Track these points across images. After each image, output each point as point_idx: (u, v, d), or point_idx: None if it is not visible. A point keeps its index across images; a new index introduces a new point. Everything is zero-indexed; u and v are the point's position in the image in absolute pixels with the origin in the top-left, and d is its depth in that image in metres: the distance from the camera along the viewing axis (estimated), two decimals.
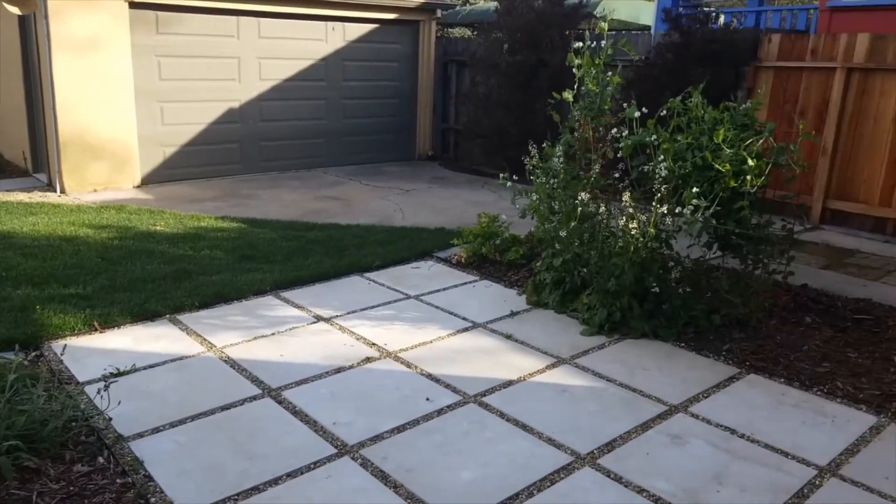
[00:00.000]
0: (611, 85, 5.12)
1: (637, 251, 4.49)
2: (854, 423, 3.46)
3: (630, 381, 3.90)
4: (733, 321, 4.63)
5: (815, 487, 2.96)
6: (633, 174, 4.91)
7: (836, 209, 7.63)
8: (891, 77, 7.08)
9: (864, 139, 7.34)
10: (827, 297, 5.16)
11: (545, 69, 9.07)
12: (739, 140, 4.44)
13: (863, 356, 4.17)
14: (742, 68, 8.13)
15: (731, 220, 4.51)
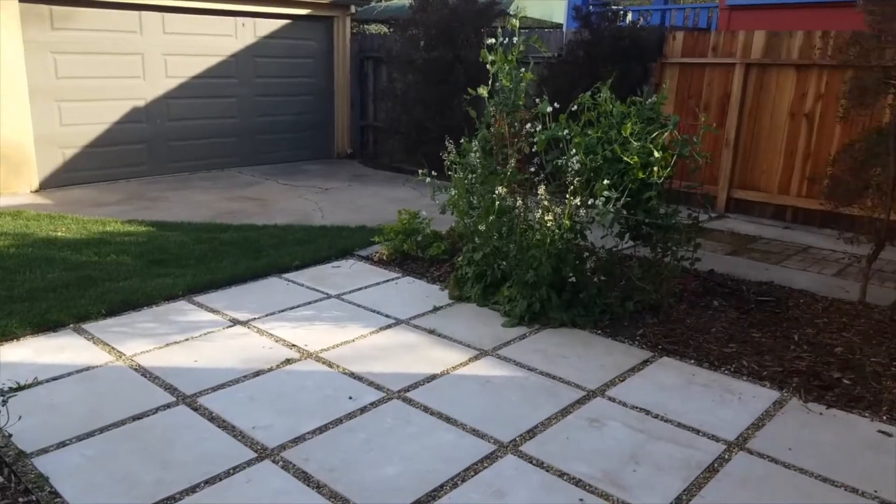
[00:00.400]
0: (524, 81, 5.21)
1: (554, 243, 4.59)
2: (759, 399, 3.65)
3: (550, 369, 3.98)
4: (646, 307, 4.80)
5: (725, 461, 3.10)
6: (548, 168, 5.02)
7: (739, 198, 8.04)
8: (785, 72, 7.51)
9: (763, 131, 7.76)
10: (732, 282, 5.42)
11: (461, 65, 9.14)
12: (646, 133, 4.60)
13: (766, 336, 4.41)
14: (649, 64, 8.44)
15: (640, 210, 4.67)
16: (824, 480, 2.96)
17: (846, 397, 3.61)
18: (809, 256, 6.35)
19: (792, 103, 7.50)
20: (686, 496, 2.85)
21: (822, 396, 3.64)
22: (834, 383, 3.75)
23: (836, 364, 3.97)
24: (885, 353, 4.10)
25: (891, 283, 5.57)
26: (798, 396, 3.66)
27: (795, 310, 4.81)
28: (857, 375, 3.83)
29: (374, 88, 11.22)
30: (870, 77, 4.80)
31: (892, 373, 3.86)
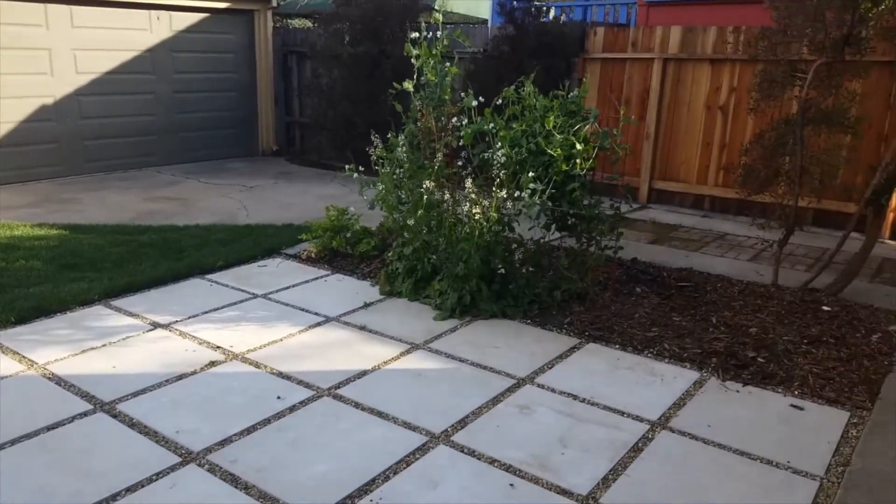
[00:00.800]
0: (449, 75, 5.24)
1: (482, 236, 4.63)
2: (680, 380, 3.79)
3: (481, 360, 4.01)
4: (573, 296, 4.90)
5: (648, 441, 3.20)
6: (475, 161, 5.06)
7: (660, 189, 8.31)
8: (700, 66, 7.80)
9: (682, 124, 8.04)
10: (654, 269, 5.60)
11: (388, 60, 9.10)
12: (568, 126, 4.70)
13: (686, 319, 4.57)
14: (572, 59, 8.62)
15: (565, 201, 4.77)
16: (741, 454, 3.10)
17: (761, 375, 3.79)
18: (726, 243, 6.62)
19: (707, 96, 7.80)
20: (612, 475, 2.93)
21: (738, 375, 3.80)
22: (749, 362, 3.93)
23: (751, 344, 4.15)
24: (796, 331, 4.33)
25: (801, 266, 5.87)
26: (716, 376, 3.82)
27: (713, 294, 5.01)
28: (771, 354, 4.02)
29: (298, 84, 11.03)
30: (777, 70, 5.04)
31: (802, 350, 4.07)
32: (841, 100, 4.88)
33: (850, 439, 3.19)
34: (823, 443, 3.16)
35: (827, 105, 4.91)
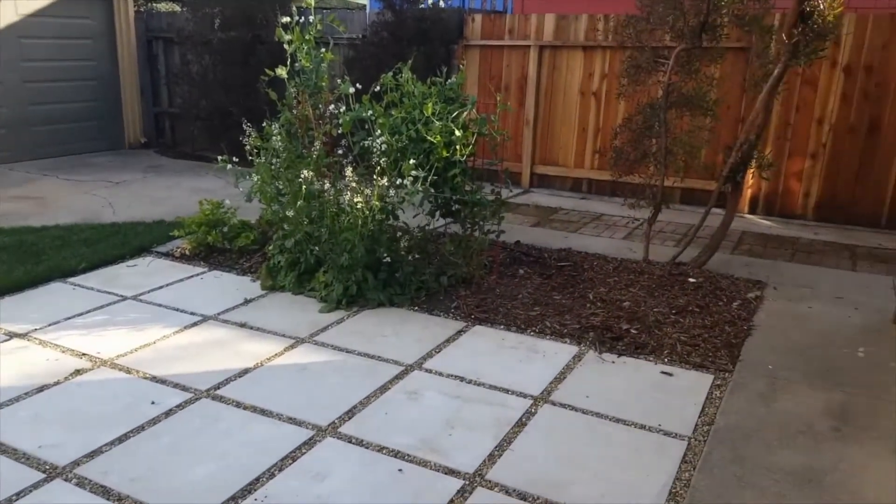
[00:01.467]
0: (325, 61, 5.13)
1: (366, 225, 4.58)
2: (561, 355, 3.92)
3: (369, 350, 3.98)
4: (459, 280, 4.96)
5: (532, 415, 3.30)
6: (355, 150, 4.99)
7: (541, 173, 8.56)
8: (574, 53, 8.08)
9: (559, 110, 8.30)
10: (536, 251, 5.77)
11: (263, 46, 8.80)
12: (447, 113, 4.73)
13: (565, 297, 4.74)
14: (452, 46, 8.67)
15: (447, 188, 4.80)
16: (617, 421, 3.25)
17: (634, 345, 4.00)
18: (602, 223, 6.93)
19: (581, 83, 8.09)
20: (498, 451, 2.99)
21: (614, 347, 3.99)
22: (623, 334, 4.13)
23: (625, 317, 4.37)
24: (665, 303, 4.59)
25: (670, 242, 6.24)
26: (594, 349, 3.98)
27: (590, 272, 5.22)
28: (643, 325, 4.25)
29: (166, 72, 10.45)
30: (642, 57, 5.30)
31: (671, 320, 4.33)
32: (700, 84, 5.20)
33: (715, 400, 3.42)
34: (691, 405, 3.38)
35: (688, 89, 5.22)
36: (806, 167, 6.89)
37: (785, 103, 6.81)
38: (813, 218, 6.93)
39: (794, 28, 4.52)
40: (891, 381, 3.55)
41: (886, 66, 6.42)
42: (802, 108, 6.81)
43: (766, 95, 4.75)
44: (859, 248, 6.02)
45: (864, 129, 6.59)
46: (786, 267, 5.47)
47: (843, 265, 5.55)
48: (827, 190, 6.83)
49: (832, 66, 6.59)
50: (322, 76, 5.13)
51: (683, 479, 2.82)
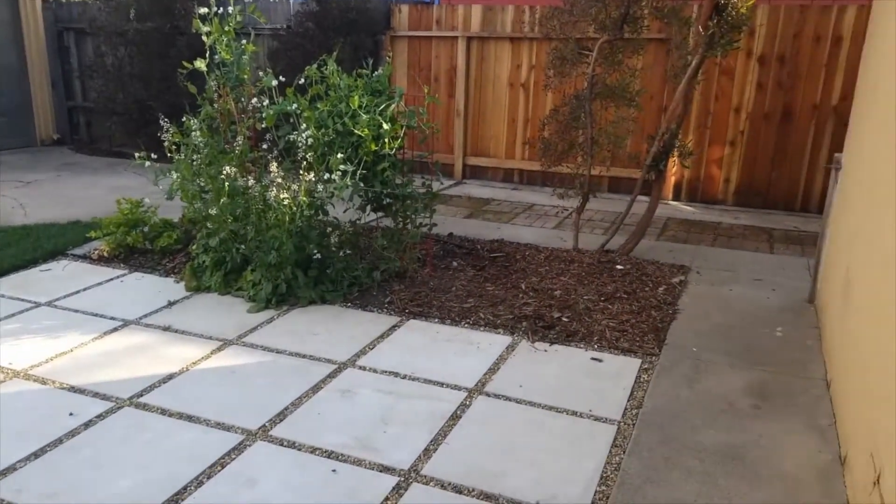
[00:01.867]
0: (246, 53, 4.99)
1: (294, 221, 4.48)
2: (494, 346, 3.94)
3: (301, 349, 3.90)
4: (393, 275, 4.92)
5: (466, 407, 3.30)
6: (280, 144, 4.88)
7: (473, 164, 8.59)
8: (501, 45, 8.12)
9: (488, 101, 8.34)
10: (469, 242, 5.78)
11: (183, 38, 8.48)
12: (374, 105, 4.67)
13: (498, 288, 4.77)
14: (379, 37, 8.59)
15: (377, 181, 4.75)
16: (550, 409, 3.29)
17: (565, 333, 4.06)
18: (534, 213, 7.01)
19: (510, 74, 8.14)
20: (433, 446, 2.98)
21: (546, 335, 4.04)
22: (555, 322, 4.19)
23: (556, 305, 4.43)
24: (595, 290, 4.68)
25: (599, 230, 6.37)
26: (527, 338, 4.02)
27: (522, 262, 5.27)
28: (573, 313, 4.32)
29: (80, 64, 9.96)
30: (567, 48, 5.36)
31: (600, 307, 4.41)
32: (624, 75, 5.31)
33: (643, 383, 3.51)
34: (620, 389, 3.45)
35: (612, 81, 5.32)
36: (725, 154, 7.15)
37: (704, 93, 7.04)
38: (733, 203, 7.21)
39: (709, 20, 4.67)
40: (806, 360, 3.72)
41: (797, 55, 6.71)
42: (721, 98, 7.06)
43: (684, 86, 4.89)
44: (776, 231, 6.29)
45: (778, 116, 6.88)
46: (708, 251, 5.66)
47: (762, 248, 5.79)
48: (745, 176, 7.11)
49: (747, 57, 6.85)
50: (244, 68, 4.98)
51: (614, 462, 2.88)
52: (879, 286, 2.64)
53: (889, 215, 2.77)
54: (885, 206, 2.85)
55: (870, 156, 3.47)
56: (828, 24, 6.55)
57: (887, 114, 3.06)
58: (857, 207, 3.50)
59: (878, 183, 3.09)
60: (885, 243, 2.73)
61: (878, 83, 3.50)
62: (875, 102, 3.58)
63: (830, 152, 6.69)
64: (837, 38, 6.55)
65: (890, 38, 3.33)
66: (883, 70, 3.42)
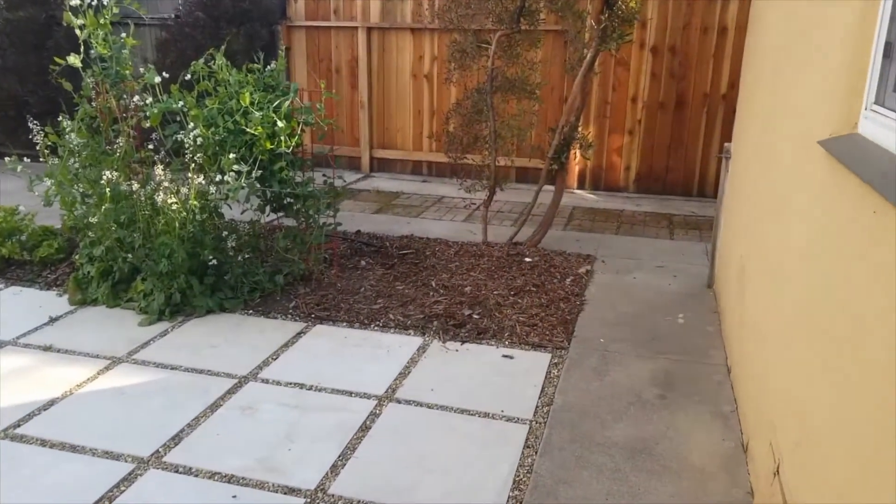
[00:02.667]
0: (126, 47, 4.66)
1: (185, 226, 4.22)
2: (405, 348, 3.84)
3: (197, 364, 3.67)
4: (298, 278, 4.73)
5: (377, 417, 3.19)
6: (167, 144, 4.58)
7: (381, 157, 8.41)
8: (402, 35, 7.96)
9: (393, 92, 8.18)
10: (378, 240, 5.65)
11: (60, 28, 7.85)
12: (267, 102, 4.44)
13: (408, 286, 4.67)
14: (275, 27, 8.25)
15: (274, 181, 4.53)
16: (462, 412, 3.23)
17: (476, 331, 4.00)
18: (444, 206, 6.94)
19: (413, 65, 8.01)
20: (341, 461, 2.86)
21: (457, 334, 3.97)
22: (466, 320, 4.13)
23: (466, 302, 4.37)
24: (504, 285, 4.66)
25: (508, 221, 6.37)
26: (438, 338, 3.95)
27: (432, 258, 5.19)
28: (484, 309, 4.27)
29: None
30: (467, 41, 5.30)
31: (510, 302, 4.39)
32: (523, 68, 5.29)
33: (553, 379, 3.50)
34: (531, 387, 3.43)
35: (512, 73, 5.29)
36: (625, 143, 7.32)
37: (602, 83, 7.17)
38: (634, 190, 7.39)
39: (601, 14, 4.70)
40: (708, 345, 3.83)
41: (687, 45, 6.93)
42: (618, 88, 7.20)
43: (581, 79, 4.92)
44: (675, 217, 6.50)
45: (672, 105, 7.09)
46: (612, 240, 5.77)
47: (663, 234, 5.96)
48: (644, 163, 7.30)
49: (641, 48, 7.01)
50: (124, 63, 4.65)
51: (527, 465, 2.84)
52: (770, 276, 2.72)
53: (772, 208, 2.86)
54: (768, 196, 2.94)
55: (753, 146, 3.59)
56: (713, 16, 6.80)
57: (764, 107, 3.17)
58: (746, 196, 3.61)
59: (759, 173, 3.20)
60: (770, 234, 2.81)
61: (759, 78, 3.62)
62: (754, 96, 3.71)
63: (722, 139, 6.96)
64: (723, 28, 6.80)
65: (766, 35, 3.45)
66: (760, 64, 3.55)
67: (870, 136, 1.88)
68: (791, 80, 2.79)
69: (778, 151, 2.88)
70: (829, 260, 1.98)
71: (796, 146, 2.52)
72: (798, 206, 2.39)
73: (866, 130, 1.92)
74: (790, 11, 2.97)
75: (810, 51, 2.47)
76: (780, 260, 2.58)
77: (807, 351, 2.08)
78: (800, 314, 2.23)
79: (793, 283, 2.36)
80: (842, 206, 1.90)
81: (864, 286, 1.65)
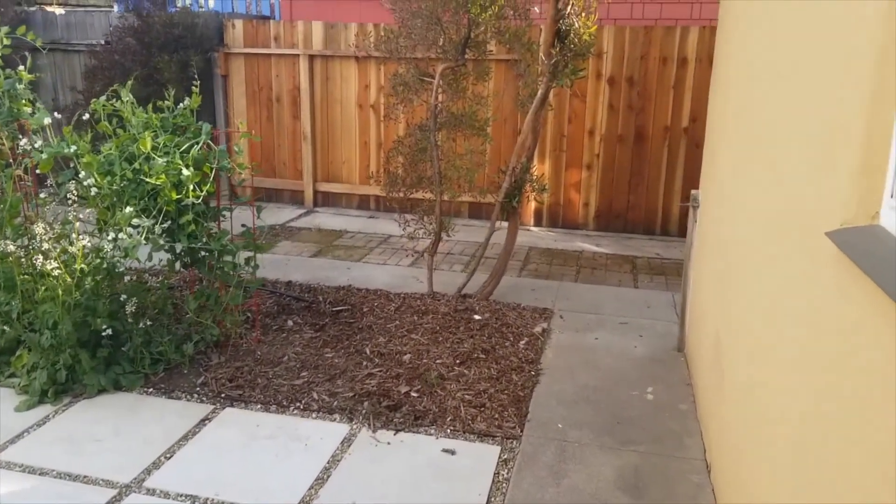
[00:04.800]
0: (23, 81, 4.07)
1: (71, 292, 3.58)
2: (327, 441, 3.25)
3: (73, 465, 3.02)
4: (211, 344, 4.11)
5: None
6: (62, 193, 3.94)
7: (326, 191, 7.84)
8: (347, 63, 7.44)
9: (337, 123, 7.63)
10: (311, 292, 5.05)
11: None
12: (174, 146, 3.85)
13: (339, 354, 4.08)
14: (211, 54, 7.68)
15: (182, 235, 3.91)
16: None
17: (413, 415, 3.42)
18: (389, 247, 6.38)
19: (358, 95, 7.49)
20: None
21: (390, 420, 3.39)
22: (402, 400, 3.55)
23: (405, 375, 3.80)
24: (450, 350, 4.09)
25: (459, 265, 5.84)
26: (367, 425, 3.36)
27: (370, 316, 4.61)
28: (424, 384, 3.70)
29: None
30: (409, 74, 4.79)
31: (455, 374, 3.83)
32: (470, 103, 4.79)
33: (501, 483, 2.94)
34: (475, 495, 2.86)
35: (458, 109, 4.79)
36: (583, 177, 6.87)
37: (558, 115, 6.73)
38: (594, 227, 6.94)
39: (552, 48, 4.23)
40: (682, 431, 3.30)
41: (646, 77, 6.53)
42: (574, 120, 6.77)
43: (532, 117, 4.44)
44: (639, 260, 6.04)
45: (631, 138, 6.67)
46: (572, 288, 5.26)
47: (626, 281, 5.48)
48: (604, 199, 6.86)
49: (597, 78, 6.60)
50: (19, 101, 4.06)
51: None
52: (756, 381, 2.22)
53: (752, 293, 2.36)
54: (745, 273, 2.45)
55: (725, 198, 3.12)
56: (672, 46, 6.42)
57: (737, 154, 2.70)
58: (719, 255, 3.13)
59: (732, 237, 2.72)
60: (752, 324, 2.31)
61: (728, 117, 3.15)
62: (722, 139, 3.25)
63: (685, 175, 6.56)
64: (683, 59, 6.43)
65: (740, 60, 2.99)
66: (730, 98, 3.08)
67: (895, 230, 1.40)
68: (776, 130, 2.30)
69: (758, 224, 2.40)
70: (835, 381, 1.49)
71: (786, 227, 2.03)
72: (792, 308, 1.89)
73: (890, 223, 1.43)
74: (782, 30, 2.42)
75: (806, 96, 1.97)
76: (767, 364, 2.08)
77: (803, 489, 1.58)
78: (793, 443, 1.73)
79: (784, 399, 1.86)
80: (858, 317, 1.41)
81: (881, 420, 1.16)
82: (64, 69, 8.43)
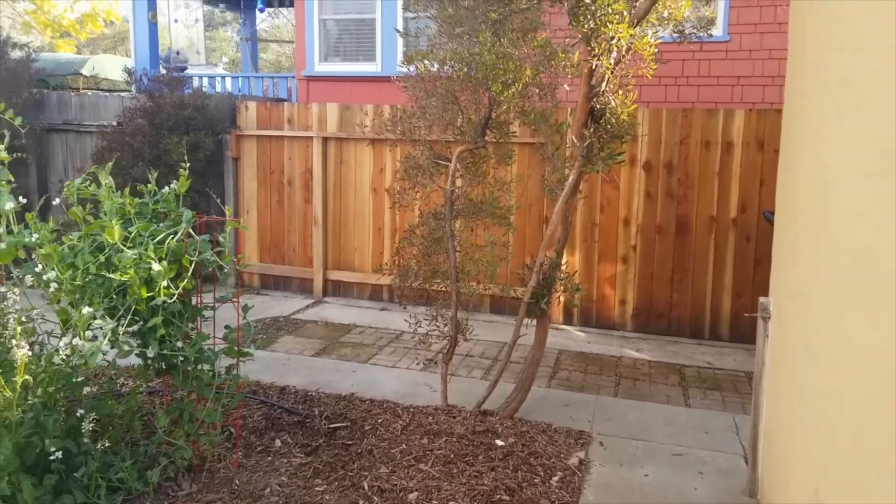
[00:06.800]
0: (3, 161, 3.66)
1: (12, 408, 2.97)
2: None
3: None
4: (182, 470, 3.44)
5: None
6: (21, 286, 3.42)
7: (336, 280, 7.30)
8: (361, 146, 7.05)
9: (350, 208, 7.18)
10: (307, 402, 4.39)
11: None
12: (149, 235, 3.32)
13: (331, 487, 3.37)
14: (223, 136, 7.36)
15: (152, 339, 3.33)
16: None
17: None
18: (401, 345, 5.74)
19: (373, 178, 7.05)
20: None
21: None
22: None
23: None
24: (465, 489, 3.35)
25: (479, 370, 5.17)
26: None
27: (372, 436, 3.91)
28: None
29: None
30: (422, 156, 4.30)
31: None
32: (491, 189, 4.26)
33: None
34: None
35: (478, 195, 4.26)
36: (619, 271, 6.23)
37: (589, 202, 6.17)
38: (633, 328, 6.22)
39: (584, 128, 3.69)
40: None
41: (686, 162, 5.99)
42: (607, 208, 6.20)
43: (562, 205, 3.85)
44: (687, 369, 5.27)
45: (672, 229, 6.06)
46: (611, 405, 4.52)
47: (675, 397, 4.72)
48: (643, 296, 6.18)
49: (632, 164, 6.06)
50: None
51: None
52: None
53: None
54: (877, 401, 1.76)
55: (821, 318, 2.45)
56: (716, 129, 5.90)
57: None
58: (815, 388, 2.44)
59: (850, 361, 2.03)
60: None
61: (815, 208, 2.54)
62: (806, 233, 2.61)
63: (735, 270, 5.90)
64: (728, 144, 5.89)
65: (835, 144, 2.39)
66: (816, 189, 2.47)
67: None
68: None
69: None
70: None
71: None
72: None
73: None
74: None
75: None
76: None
77: None
78: None
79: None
80: None
81: None
82: (75, 150, 8.21)
